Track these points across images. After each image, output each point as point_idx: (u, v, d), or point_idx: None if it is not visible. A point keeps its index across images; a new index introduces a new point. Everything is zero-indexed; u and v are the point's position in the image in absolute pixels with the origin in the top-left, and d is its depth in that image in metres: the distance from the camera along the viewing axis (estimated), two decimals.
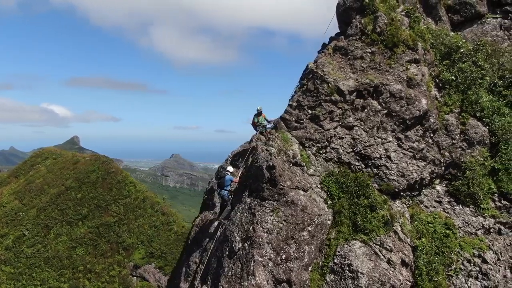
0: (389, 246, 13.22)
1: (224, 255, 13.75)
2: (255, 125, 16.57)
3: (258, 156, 14.10)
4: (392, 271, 12.91)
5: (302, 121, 15.11)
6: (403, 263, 13.25)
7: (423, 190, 15.65)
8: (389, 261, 13.03)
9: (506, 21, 18.50)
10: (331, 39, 17.66)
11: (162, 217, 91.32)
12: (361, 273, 12.68)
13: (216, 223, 16.03)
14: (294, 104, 15.54)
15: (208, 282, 14.23)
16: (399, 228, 13.79)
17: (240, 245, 13.33)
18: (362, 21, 16.54)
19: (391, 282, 12.71)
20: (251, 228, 13.20)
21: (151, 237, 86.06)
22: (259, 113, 16.44)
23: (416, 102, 15.15)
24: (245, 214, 13.76)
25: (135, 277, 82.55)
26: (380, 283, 12.60)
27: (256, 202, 13.58)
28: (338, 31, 18.25)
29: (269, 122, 16.48)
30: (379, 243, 13.31)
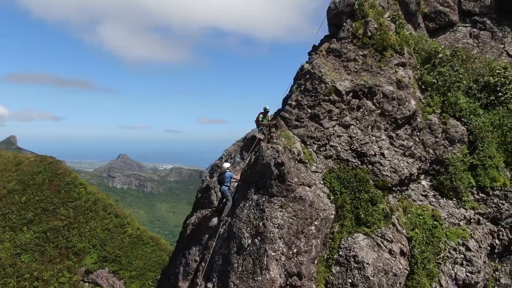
0: (390, 238, 14.11)
1: (232, 251, 13.89)
2: (258, 122, 16.86)
3: (263, 154, 14.40)
4: (394, 261, 13.79)
5: (302, 120, 15.62)
6: (402, 253, 14.19)
7: (411, 185, 16.78)
8: (390, 251, 13.90)
9: (474, 30, 20.25)
10: (322, 41, 18.34)
11: (116, 220, 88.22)
12: (367, 263, 13.43)
13: (215, 221, 16.09)
14: (294, 103, 16.02)
15: (214, 280, 14.28)
16: (396, 221, 14.73)
17: (250, 241, 13.55)
18: (353, 25, 17.38)
19: (393, 270, 13.58)
20: (261, 224, 13.47)
21: (104, 241, 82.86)
22: (265, 112, 16.77)
23: (406, 103, 16.24)
24: (252, 210, 14.00)
25: (87, 283, 78.99)
26: (384, 272, 13.43)
27: (264, 199, 13.87)
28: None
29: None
30: (380, 235, 14.15)
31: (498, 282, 16.38)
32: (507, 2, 20.29)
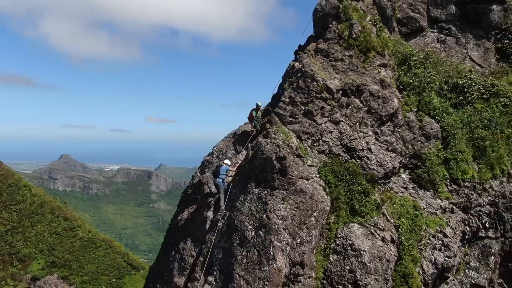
0: (382, 226, 15.12)
1: (235, 244, 14.18)
2: (252, 118, 17.20)
3: (263, 149, 14.83)
4: (386, 248, 14.80)
5: (297, 116, 16.23)
6: (392, 240, 15.25)
7: (392, 178, 17.97)
8: (383, 239, 14.90)
9: (441, 35, 22.02)
10: (309, 41, 19.06)
11: (65, 223, 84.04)
12: (364, 250, 14.30)
13: (211, 215, 16.26)
14: (287, 100, 16.59)
15: (215, 273, 14.48)
16: (385, 211, 15.79)
17: (253, 233, 13.92)
18: (339, 27, 18.29)
19: (386, 256, 14.59)
20: (264, 216, 13.89)
21: (52, 245, 78.60)
22: (258, 108, 17.16)
23: (390, 101, 17.40)
24: (254, 204, 14.38)
25: None
26: (378, 258, 14.39)
27: (266, 192, 14.31)
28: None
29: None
30: (373, 224, 15.11)
31: (468, 265, 18.02)
32: (468, 11, 22.28)
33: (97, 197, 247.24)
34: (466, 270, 17.96)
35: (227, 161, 16.19)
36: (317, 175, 15.45)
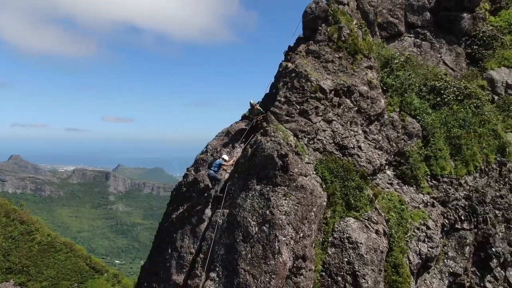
0: (375, 220, 15.96)
1: (237, 240, 14.47)
2: (249, 117, 17.51)
3: (264, 146, 15.22)
4: (379, 240, 15.65)
5: (293, 115, 16.75)
6: (384, 233, 16.12)
7: (378, 175, 18.95)
8: (376, 232, 15.74)
9: (417, 40, 23.38)
10: (298, 42, 19.63)
11: (21, 226, 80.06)
12: (360, 243, 15.06)
13: (209, 212, 16.42)
14: (283, 99, 17.06)
15: (217, 269, 14.69)
16: (377, 205, 16.66)
17: (257, 228, 14.27)
18: (328, 30, 19.01)
19: (380, 248, 15.43)
20: (267, 212, 14.28)
21: (7, 250, 74.64)
22: (253, 107, 17.48)
23: (377, 101, 18.35)
24: (256, 200, 14.74)
25: None
26: (373, 250, 15.20)
27: (268, 188, 14.71)
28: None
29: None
30: (367, 218, 15.91)
31: (446, 255, 19.32)
32: (441, 18, 23.81)
33: (51, 200, 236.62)
34: (445, 260, 19.26)
35: (224, 156, 16.47)
36: (314, 172, 16.04)
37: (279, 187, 14.68)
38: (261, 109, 17.61)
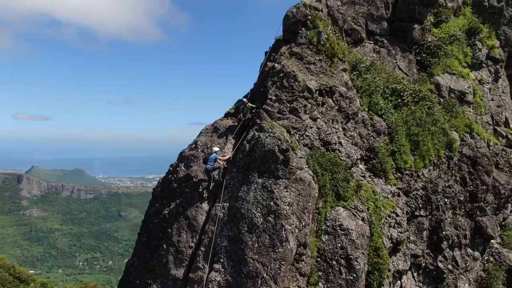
0: (360, 208, 17.60)
1: (243, 231, 15.16)
2: (243, 116, 18.15)
3: (263, 142, 16.06)
4: (365, 226, 17.31)
5: (284, 113, 17.77)
6: (367, 220, 17.83)
7: (352, 168, 20.72)
8: (362, 219, 17.38)
9: (376, 46, 25.75)
10: (279, 44, 20.66)
11: None
12: (351, 229, 16.57)
13: (206, 207, 16.82)
14: (274, 98, 18.01)
15: (222, 260, 15.24)
16: (360, 195, 18.33)
17: (262, 219, 15.09)
18: (308, 33, 20.35)
19: (366, 234, 17.11)
20: (272, 203, 15.16)
21: None
22: (244, 104, 18.13)
23: (354, 101, 20.10)
24: (259, 192, 15.54)
25: None
26: (362, 235, 16.81)
27: (271, 181, 15.58)
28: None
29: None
30: (354, 207, 17.49)
31: (409, 239, 21.71)
32: (396, 28, 26.48)
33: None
34: (407, 243, 21.63)
35: (215, 148, 17.02)
36: (306, 166, 17.22)
37: (280, 180, 15.63)
38: (253, 106, 18.38)
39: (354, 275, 15.89)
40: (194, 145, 18.97)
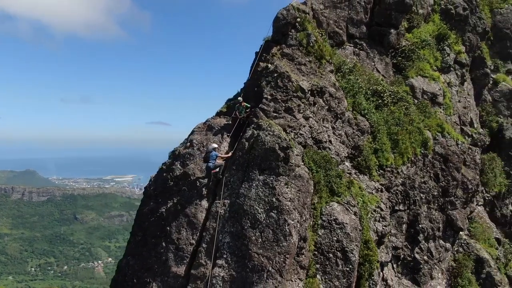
0: (352, 203, 18.46)
1: (246, 227, 15.55)
2: (237, 114, 18.49)
3: (264, 140, 16.52)
4: (357, 220, 18.19)
5: (280, 112, 18.30)
6: (358, 214, 18.72)
7: (340, 166, 21.60)
8: (354, 213, 18.24)
9: (356, 49, 26.88)
10: (270, 45, 21.14)
11: None
12: (346, 223, 17.37)
13: (205, 204, 17.01)
14: (269, 97, 18.50)
15: (225, 256, 15.55)
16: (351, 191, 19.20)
17: (265, 215, 15.54)
18: (298, 35, 21.01)
19: (359, 227, 17.99)
20: (274, 199, 15.65)
21: None
22: (239, 103, 18.47)
23: (342, 101, 20.99)
24: (261, 189, 15.98)
25: None
26: (355, 228, 17.67)
27: (272, 178, 16.07)
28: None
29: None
30: (346, 202, 18.32)
31: (390, 233, 22.93)
32: (373, 32, 27.79)
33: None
34: (389, 236, 22.84)
35: (213, 145, 17.30)
36: (302, 163, 17.83)
37: (281, 176, 16.16)
38: (248, 106, 18.76)
39: (350, 266, 16.71)
40: (189, 144, 19.07)
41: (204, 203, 17.12)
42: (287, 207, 15.51)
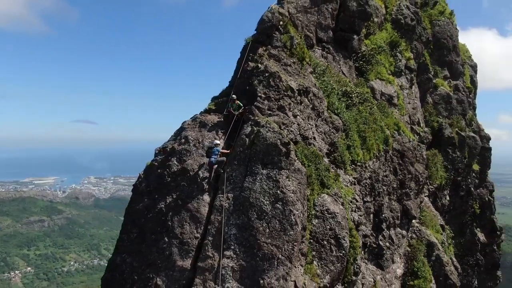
0: (339, 195, 20.01)
1: (252, 219, 16.34)
2: (231, 111, 19.08)
3: (265, 136, 17.40)
4: (344, 210, 19.78)
5: (274, 110, 19.27)
6: (344, 205, 20.33)
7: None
8: (342, 204, 19.81)
9: (324, 52, 28.72)
10: (255, 46, 22.00)
11: None
12: (337, 213, 18.86)
13: (207, 198, 17.46)
14: (263, 96, 19.40)
15: (232, 247, 16.20)
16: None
17: (270, 207, 16.45)
18: (282, 38, 22.17)
19: (346, 217, 19.60)
20: (279, 191, 16.62)
21: None
22: (233, 100, 19.09)
23: (323, 101, 22.52)
24: (265, 182, 16.86)
25: None
26: (344, 218, 19.24)
27: (275, 172, 17.01)
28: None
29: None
30: (335, 193, 19.83)
31: (361, 222, 25.00)
32: (338, 37, 29.86)
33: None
34: (360, 226, 24.90)
35: (217, 142, 17.85)
36: (296, 158, 18.99)
37: (283, 170, 17.17)
38: (241, 104, 19.48)
39: (343, 251, 18.23)
40: (184, 140, 19.29)
41: (206, 198, 17.55)
42: (291, 198, 16.56)
